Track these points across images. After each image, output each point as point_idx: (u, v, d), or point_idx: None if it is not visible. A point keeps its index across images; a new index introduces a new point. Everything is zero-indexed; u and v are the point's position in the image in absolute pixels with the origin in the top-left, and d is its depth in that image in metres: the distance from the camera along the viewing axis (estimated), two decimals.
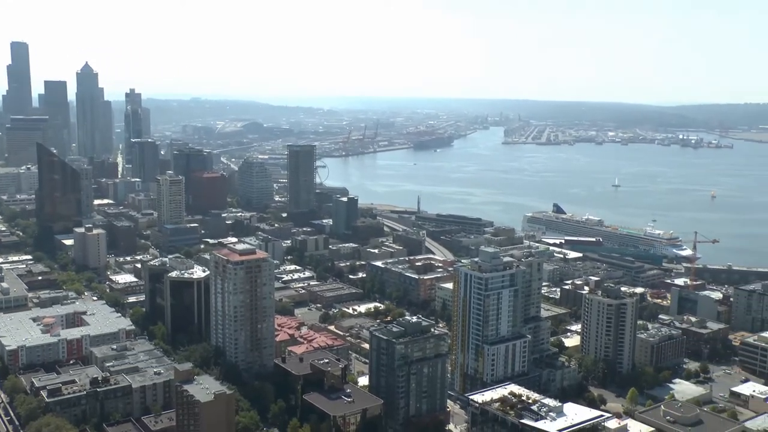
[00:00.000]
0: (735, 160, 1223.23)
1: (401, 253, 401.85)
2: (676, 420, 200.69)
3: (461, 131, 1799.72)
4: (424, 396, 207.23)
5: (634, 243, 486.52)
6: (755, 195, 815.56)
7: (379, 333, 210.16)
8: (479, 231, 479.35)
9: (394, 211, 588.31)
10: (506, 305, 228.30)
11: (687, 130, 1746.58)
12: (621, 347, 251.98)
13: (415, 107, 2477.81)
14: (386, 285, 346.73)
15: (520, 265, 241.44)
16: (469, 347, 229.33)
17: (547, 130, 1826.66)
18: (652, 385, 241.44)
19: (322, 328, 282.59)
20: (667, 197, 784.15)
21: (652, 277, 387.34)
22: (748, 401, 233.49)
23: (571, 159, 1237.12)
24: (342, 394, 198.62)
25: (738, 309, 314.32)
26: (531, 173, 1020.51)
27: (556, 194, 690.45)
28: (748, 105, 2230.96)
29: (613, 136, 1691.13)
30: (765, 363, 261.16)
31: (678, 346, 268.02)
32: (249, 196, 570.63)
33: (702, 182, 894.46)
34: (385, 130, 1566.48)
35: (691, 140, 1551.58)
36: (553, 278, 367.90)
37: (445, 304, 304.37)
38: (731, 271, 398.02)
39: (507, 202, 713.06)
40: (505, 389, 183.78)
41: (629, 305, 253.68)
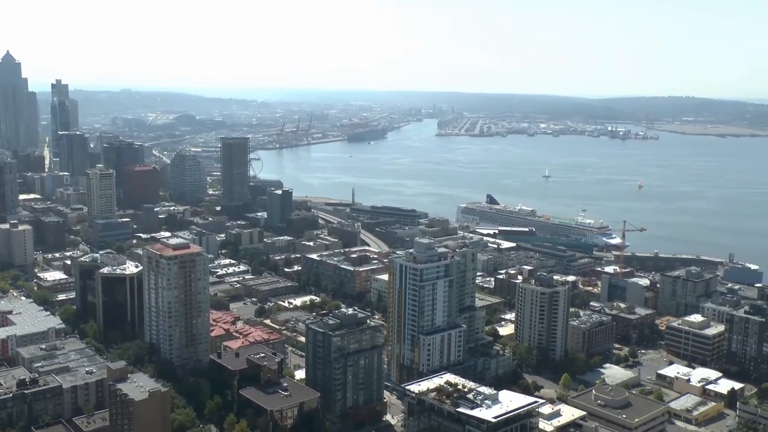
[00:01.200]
0: (661, 151, 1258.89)
1: (336, 245, 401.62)
2: (606, 403, 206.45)
3: (395, 123, 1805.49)
4: (361, 388, 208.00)
5: (565, 232, 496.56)
6: (680, 184, 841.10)
7: (315, 326, 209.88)
8: (414, 222, 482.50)
9: (328, 203, 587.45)
10: (441, 296, 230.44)
11: (615, 122, 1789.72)
12: (554, 334, 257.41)
13: (348, 99, 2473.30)
14: (322, 277, 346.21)
15: (455, 255, 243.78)
16: (405, 338, 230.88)
17: (480, 122, 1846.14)
18: (584, 371, 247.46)
19: (258, 323, 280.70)
20: (597, 187, 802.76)
21: (583, 266, 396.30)
22: (673, 383, 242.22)
23: (504, 150, 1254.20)
24: (279, 388, 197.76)
25: (664, 295, 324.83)
26: (464, 165, 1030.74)
27: (490, 185, 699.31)
28: (672, 98, 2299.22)
29: (545, 128, 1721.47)
30: (688, 346, 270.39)
31: (608, 332, 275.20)
32: (182, 190, 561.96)
33: (630, 172, 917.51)
34: (319, 123, 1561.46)
35: (620, 132, 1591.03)
36: (487, 268, 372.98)
37: (380, 295, 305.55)
38: (658, 258, 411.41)
39: (441, 193, 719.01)
40: (441, 379, 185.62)
41: (561, 293, 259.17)
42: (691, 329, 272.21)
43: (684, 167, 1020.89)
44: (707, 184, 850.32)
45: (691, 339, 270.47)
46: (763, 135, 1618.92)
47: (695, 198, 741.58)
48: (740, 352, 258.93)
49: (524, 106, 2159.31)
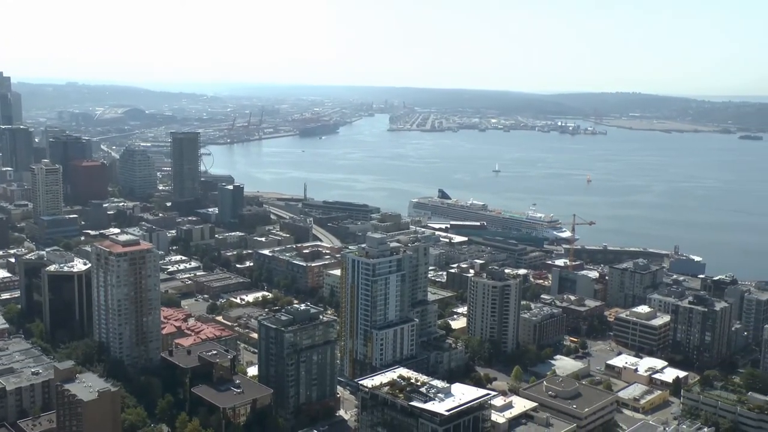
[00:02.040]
0: (609, 146, 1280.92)
1: (288, 240, 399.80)
2: (557, 394, 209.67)
3: (347, 118, 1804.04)
4: (314, 383, 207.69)
5: (516, 226, 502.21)
6: (627, 179, 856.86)
7: (267, 322, 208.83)
8: (366, 217, 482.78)
9: (280, 198, 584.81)
10: (394, 290, 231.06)
11: (565, 117, 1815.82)
12: (505, 327, 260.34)
13: (300, 94, 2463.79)
14: (274, 273, 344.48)
15: (407, 250, 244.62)
16: (357, 333, 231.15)
17: (431, 117, 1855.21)
18: (535, 363, 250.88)
19: (210, 319, 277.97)
20: (547, 182, 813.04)
21: (534, 259, 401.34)
22: (621, 372, 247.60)
23: (456, 145, 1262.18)
24: (231, 386, 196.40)
25: (612, 287, 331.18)
26: (416, 159, 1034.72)
27: (441, 180, 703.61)
28: (619, 94, 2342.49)
29: (496, 123, 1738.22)
30: (636, 336, 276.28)
31: (559, 324, 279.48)
32: (131, 185, 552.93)
33: (579, 167, 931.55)
34: (270, 117, 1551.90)
35: (569, 127, 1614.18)
36: (440, 262, 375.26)
37: (333, 290, 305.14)
38: (606, 251, 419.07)
39: (393, 188, 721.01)
40: (394, 373, 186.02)
41: (513, 287, 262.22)
42: (639, 320, 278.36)
43: (631, 162, 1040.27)
44: (653, 178, 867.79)
45: (639, 330, 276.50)
46: (705, 131, 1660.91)
47: (642, 192, 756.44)
48: (685, 342, 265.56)
49: (475, 102, 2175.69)
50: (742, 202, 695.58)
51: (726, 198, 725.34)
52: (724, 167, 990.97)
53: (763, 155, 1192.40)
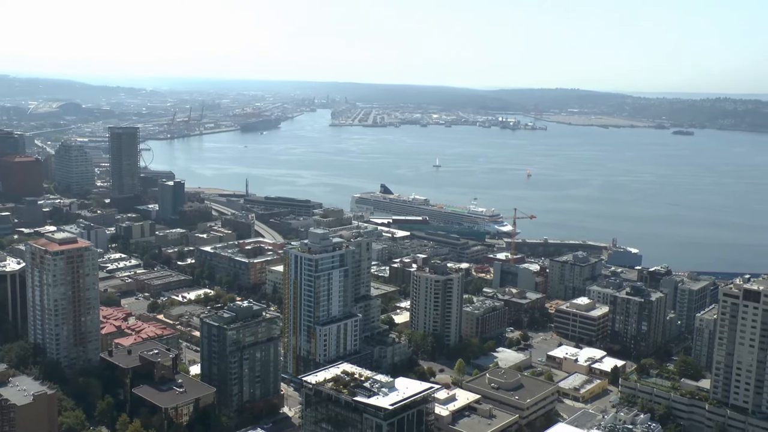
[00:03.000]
0: (548, 141, 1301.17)
1: (230, 237, 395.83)
2: (499, 386, 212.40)
3: (288, 113, 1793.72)
4: (257, 381, 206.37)
5: (458, 221, 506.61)
6: (566, 173, 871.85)
7: (209, 320, 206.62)
8: (308, 213, 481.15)
9: (222, 194, 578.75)
10: (337, 286, 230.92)
11: (506, 112, 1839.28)
12: (448, 321, 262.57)
13: (241, 89, 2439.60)
14: (216, 270, 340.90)
15: (350, 245, 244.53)
16: (301, 329, 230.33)
17: (373, 112, 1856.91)
18: (477, 355, 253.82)
19: (151, 318, 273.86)
20: (488, 176, 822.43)
21: (476, 253, 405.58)
22: (562, 363, 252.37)
23: (397, 141, 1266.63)
24: (173, 385, 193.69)
25: (553, 279, 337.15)
26: (358, 155, 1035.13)
27: (383, 175, 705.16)
28: (558, 90, 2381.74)
29: (437, 119, 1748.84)
30: (576, 328, 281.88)
31: (501, 316, 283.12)
32: (68, 182, 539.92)
33: (519, 162, 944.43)
34: (210, 112, 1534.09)
35: (510, 122, 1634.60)
36: (382, 257, 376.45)
37: (276, 287, 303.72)
38: (547, 244, 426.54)
39: (335, 183, 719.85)
40: (338, 368, 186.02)
41: (455, 280, 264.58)
42: (578, 311, 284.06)
43: (570, 156, 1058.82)
44: (592, 172, 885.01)
45: (579, 321, 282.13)
46: (641, 126, 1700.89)
47: (581, 186, 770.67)
48: (622, 332, 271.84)
49: (417, 97, 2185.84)
50: (676, 196, 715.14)
51: (661, 191, 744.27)
52: (659, 162, 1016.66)
53: (695, 150, 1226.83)
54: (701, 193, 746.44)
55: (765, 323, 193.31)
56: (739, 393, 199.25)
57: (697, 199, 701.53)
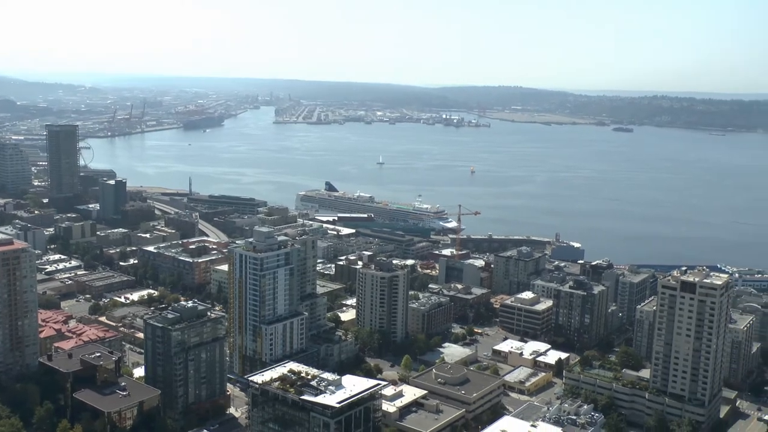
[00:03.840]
0: (492, 138, 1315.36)
1: (174, 236, 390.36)
2: (446, 381, 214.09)
3: (232, 111, 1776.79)
4: (203, 382, 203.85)
5: (403, 217, 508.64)
6: (510, 169, 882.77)
7: (153, 321, 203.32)
8: (253, 211, 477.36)
9: (165, 193, 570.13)
10: (282, 284, 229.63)
11: (450, 110, 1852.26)
12: (394, 318, 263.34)
13: (183, 86, 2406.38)
14: (159, 270, 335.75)
15: (295, 243, 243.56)
16: (246, 328, 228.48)
17: (317, 109, 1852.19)
18: (424, 351, 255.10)
19: (93, 320, 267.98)
20: (432, 173, 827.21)
21: (421, 249, 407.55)
22: (507, 357, 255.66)
23: (342, 138, 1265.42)
24: (116, 389, 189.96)
25: (498, 274, 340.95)
26: (303, 152, 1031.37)
27: (328, 173, 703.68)
28: (502, 87, 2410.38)
29: (382, 116, 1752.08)
30: (521, 322, 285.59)
31: (446, 312, 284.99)
32: (3, 181, 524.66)
33: (463, 158, 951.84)
34: (152, 110, 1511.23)
35: (454, 119, 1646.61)
36: (328, 255, 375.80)
37: (221, 286, 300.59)
38: (491, 240, 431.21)
39: (280, 181, 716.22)
40: (285, 367, 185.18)
41: (401, 277, 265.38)
42: (523, 306, 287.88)
43: (514, 153, 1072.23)
44: (535, 168, 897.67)
45: (523, 315, 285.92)
46: (582, 123, 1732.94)
47: (524, 182, 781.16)
48: (566, 325, 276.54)
49: (361, 95, 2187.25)
50: (616, 191, 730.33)
51: (602, 187, 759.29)
52: (600, 158, 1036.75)
53: (635, 146, 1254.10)
54: (640, 188, 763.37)
55: (701, 313, 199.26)
56: (677, 381, 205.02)
57: (636, 194, 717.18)
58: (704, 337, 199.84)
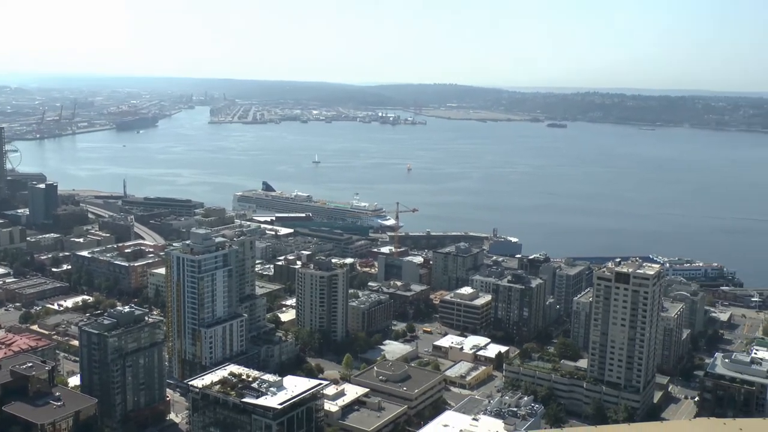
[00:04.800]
0: (428, 135, 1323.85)
1: (109, 240, 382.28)
2: (387, 378, 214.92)
3: (166, 111, 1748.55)
4: (141, 388, 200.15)
5: (342, 216, 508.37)
6: (446, 166, 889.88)
7: (88, 327, 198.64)
8: (189, 213, 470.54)
9: (98, 196, 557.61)
10: (221, 286, 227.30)
11: (386, 108, 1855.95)
12: (334, 316, 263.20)
13: (115, 86, 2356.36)
14: (94, 275, 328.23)
15: (233, 244, 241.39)
16: (185, 332, 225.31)
17: (253, 109, 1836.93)
18: (365, 349, 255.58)
19: (24, 329, 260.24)
20: (369, 171, 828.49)
21: (360, 248, 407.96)
22: (448, 352, 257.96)
23: (278, 137, 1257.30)
24: (50, 399, 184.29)
25: (437, 270, 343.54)
26: (239, 152, 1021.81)
27: (265, 172, 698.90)
28: (437, 85, 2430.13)
29: (318, 115, 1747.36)
30: (460, 317, 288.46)
31: (387, 309, 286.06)
32: None
33: (400, 156, 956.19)
34: (83, 110, 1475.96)
35: (390, 117, 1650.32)
36: (266, 255, 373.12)
37: (158, 290, 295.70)
38: (430, 236, 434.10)
39: (216, 182, 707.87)
40: (225, 370, 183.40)
41: (340, 276, 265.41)
42: (462, 301, 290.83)
43: (450, 150, 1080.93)
44: (471, 165, 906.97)
45: (463, 310, 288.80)
46: (517, 119, 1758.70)
47: (461, 178, 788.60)
48: (505, 318, 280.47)
49: (297, 93, 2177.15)
50: (552, 185, 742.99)
51: (537, 182, 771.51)
52: (535, 153, 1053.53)
53: (568, 141, 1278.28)
54: (575, 182, 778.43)
55: (634, 303, 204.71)
56: (613, 370, 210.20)
57: (571, 188, 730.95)
58: (638, 325, 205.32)
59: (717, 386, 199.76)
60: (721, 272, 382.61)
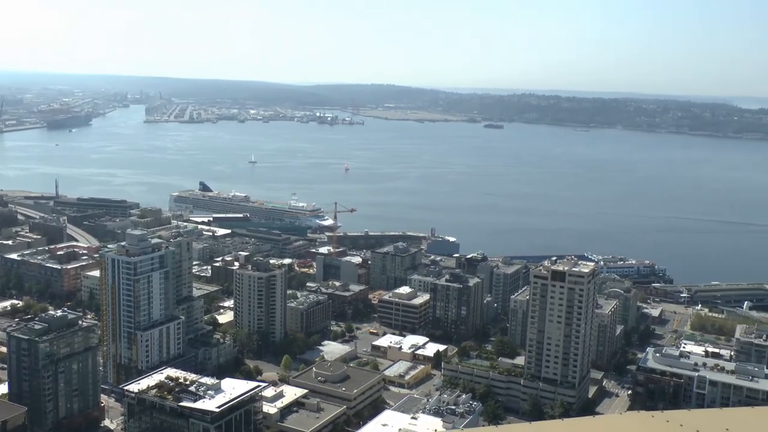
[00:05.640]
0: (366, 135, 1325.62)
1: (40, 242, 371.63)
2: (326, 379, 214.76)
3: (100, 109, 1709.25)
4: (75, 395, 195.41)
5: (279, 216, 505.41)
6: (384, 166, 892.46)
7: (18, 333, 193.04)
8: (125, 213, 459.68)
9: (28, 197, 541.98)
10: (157, 288, 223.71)
11: (323, 108, 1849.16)
12: (273, 318, 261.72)
13: (46, 83, 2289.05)
14: (24, 279, 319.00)
15: (169, 245, 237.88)
16: (121, 336, 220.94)
17: (189, 108, 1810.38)
18: (304, 350, 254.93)
19: None
20: (307, 171, 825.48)
21: (298, 248, 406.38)
22: (386, 352, 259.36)
23: (215, 137, 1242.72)
24: None
25: (375, 270, 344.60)
26: (175, 152, 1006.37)
27: (202, 172, 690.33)
28: (374, 85, 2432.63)
29: (255, 114, 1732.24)
30: (399, 316, 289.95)
31: (325, 310, 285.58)
32: None
33: (338, 156, 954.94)
34: (12, 108, 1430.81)
35: (328, 117, 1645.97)
36: (204, 256, 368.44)
37: (92, 293, 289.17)
38: (368, 236, 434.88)
39: (152, 182, 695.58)
40: (162, 374, 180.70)
41: (278, 276, 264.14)
42: (401, 301, 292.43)
43: (388, 150, 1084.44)
44: (409, 165, 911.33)
45: (401, 309, 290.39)
46: (454, 120, 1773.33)
47: (399, 178, 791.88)
48: (443, 317, 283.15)
49: (234, 93, 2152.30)
50: (489, 185, 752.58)
51: (475, 182, 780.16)
52: (472, 153, 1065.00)
53: (505, 142, 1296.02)
54: (511, 182, 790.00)
55: (570, 300, 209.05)
56: (550, 366, 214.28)
57: (507, 188, 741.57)
58: (574, 322, 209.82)
59: (648, 380, 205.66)
60: (652, 269, 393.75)
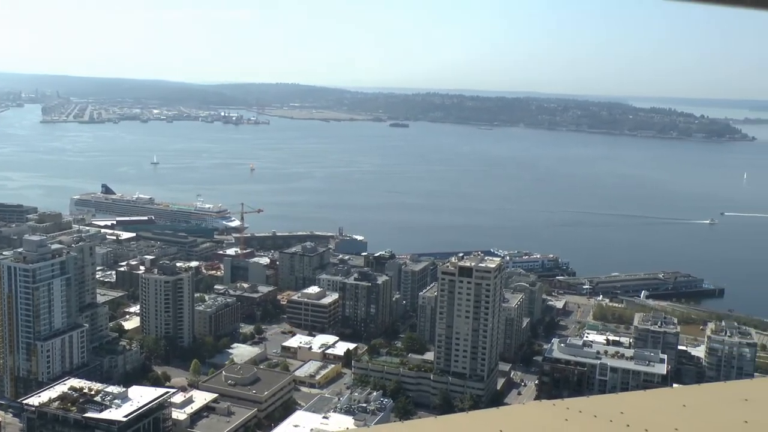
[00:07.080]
0: (272, 135, 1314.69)
1: None
2: (236, 382, 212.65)
3: None
4: None
5: (185, 218, 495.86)
6: (290, 166, 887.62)
7: None
8: (21, 218, 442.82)
9: None
10: (59, 296, 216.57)
11: (228, 107, 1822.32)
12: (180, 322, 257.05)
13: None
14: None
15: (71, 251, 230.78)
16: (19, 347, 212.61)
17: (89, 107, 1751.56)
18: (213, 354, 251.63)
19: None
20: (212, 172, 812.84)
21: (205, 250, 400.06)
22: (296, 352, 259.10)
23: (117, 137, 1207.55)
24: None
25: (283, 271, 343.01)
26: (75, 153, 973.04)
27: (104, 174, 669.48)
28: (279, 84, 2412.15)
29: (158, 114, 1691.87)
30: (308, 316, 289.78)
31: (234, 312, 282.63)
32: None
33: (244, 156, 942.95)
34: None
35: (233, 117, 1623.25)
36: (108, 261, 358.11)
37: None
38: (276, 237, 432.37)
39: (50, 185, 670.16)
40: (65, 385, 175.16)
41: (185, 280, 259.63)
42: (310, 300, 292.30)
43: (294, 150, 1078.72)
44: (315, 164, 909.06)
45: (310, 309, 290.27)
46: (360, 119, 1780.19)
47: (305, 178, 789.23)
48: (353, 316, 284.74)
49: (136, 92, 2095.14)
50: (395, 184, 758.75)
51: (381, 180, 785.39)
52: (378, 152, 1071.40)
53: (411, 140, 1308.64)
54: (417, 180, 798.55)
55: (477, 295, 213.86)
56: (459, 360, 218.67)
57: (414, 186, 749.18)
58: (481, 317, 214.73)
59: (554, 369, 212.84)
60: (556, 263, 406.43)
